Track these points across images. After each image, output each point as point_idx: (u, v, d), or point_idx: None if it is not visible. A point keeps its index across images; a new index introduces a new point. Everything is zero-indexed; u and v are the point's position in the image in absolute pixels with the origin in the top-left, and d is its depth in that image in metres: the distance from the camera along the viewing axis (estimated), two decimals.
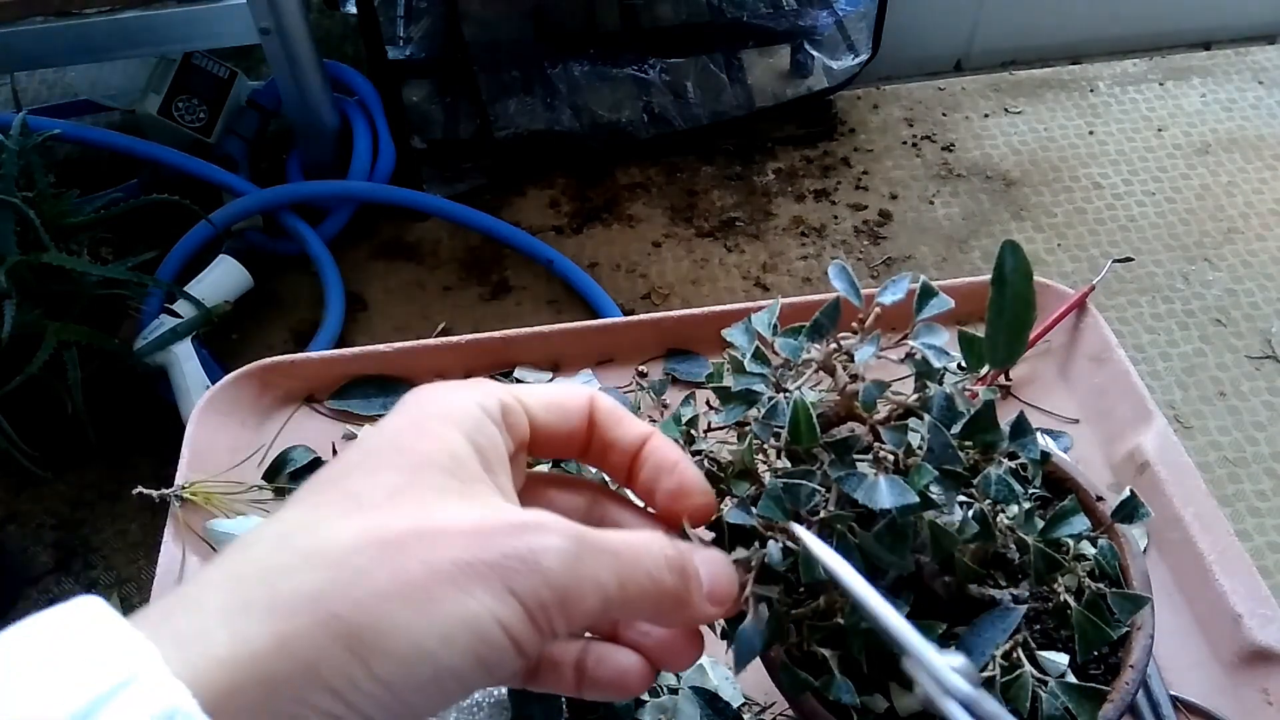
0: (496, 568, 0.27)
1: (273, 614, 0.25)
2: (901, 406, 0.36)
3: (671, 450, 0.36)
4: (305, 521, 0.28)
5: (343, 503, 0.29)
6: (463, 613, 0.27)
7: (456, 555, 0.27)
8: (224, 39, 1.58)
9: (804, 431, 0.34)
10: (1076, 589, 0.38)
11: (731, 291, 1.64)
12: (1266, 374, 1.50)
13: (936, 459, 0.34)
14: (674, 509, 0.36)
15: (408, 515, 0.28)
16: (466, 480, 0.30)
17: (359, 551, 0.27)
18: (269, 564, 0.27)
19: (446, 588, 0.27)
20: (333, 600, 0.26)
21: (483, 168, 1.81)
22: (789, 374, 0.37)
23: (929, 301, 0.37)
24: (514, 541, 0.28)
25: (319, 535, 0.28)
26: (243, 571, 0.27)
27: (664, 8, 1.84)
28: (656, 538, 0.32)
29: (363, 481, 0.29)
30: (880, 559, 0.34)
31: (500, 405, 0.33)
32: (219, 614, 0.25)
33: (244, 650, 0.25)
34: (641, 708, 0.50)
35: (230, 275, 1.56)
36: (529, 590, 0.28)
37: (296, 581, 0.26)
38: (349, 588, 0.26)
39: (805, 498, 0.34)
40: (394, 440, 0.31)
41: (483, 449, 0.32)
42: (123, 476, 1.44)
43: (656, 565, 0.31)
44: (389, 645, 0.26)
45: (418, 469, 0.30)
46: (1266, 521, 1.34)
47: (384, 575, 0.27)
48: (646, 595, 0.31)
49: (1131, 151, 1.84)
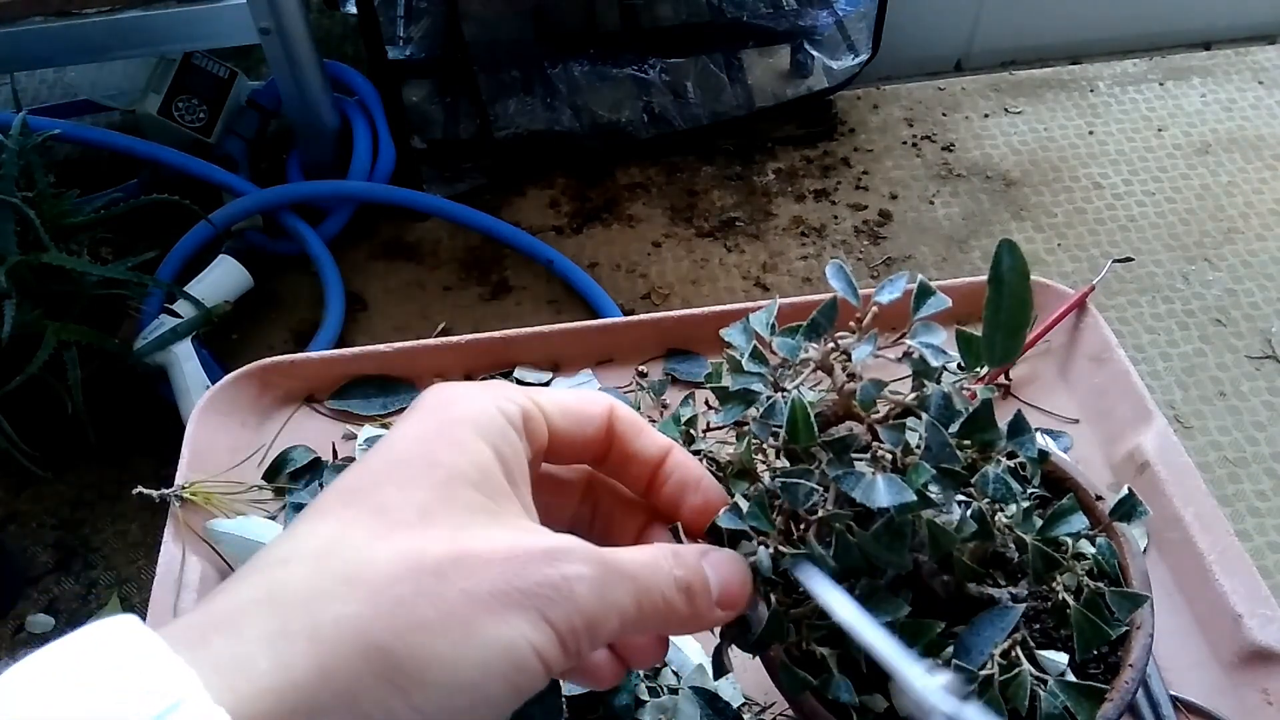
0: (531, 595, 0.28)
1: (315, 643, 0.25)
2: (899, 405, 0.36)
3: (694, 467, 0.37)
4: (340, 540, 0.28)
5: (375, 520, 0.29)
6: (500, 641, 0.27)
7: (493, 583, 0.28)
8: (224, 39, 1.58)
9: (802, 431, 0.34)
10: (1075, 588, 0.38)
11: (731, 291, 1.64)
12: (1266, 374, 1.50)
13: (934, 458, 0.34)
14: (699, 525, 0.36)
15: (443, 539, 0.28)
16: (493, 495, 0.31)
17: (399, 580, 0.27)
18: (307, 589, 0.27)
19: (485, 617, 0.27)
20: (374, 631, 0.26)
21: (483, 168, 1.81)
22: (787, 373, 0.37)
23: (926, 300, 0.37)
24: (548, 570, 0.29)
25: (357, 559, 0.27)
26: (281, 595, 0.27)
27: (664, 8, 1.84)
28: (664, 555, 0.33)
29: (394, 496, 0.29)
30: (878, 558, 0.34)
31: (522, 412, 0.33)
32: (259, 641, 0.25)
33: (286, 679, 0.25)
34: (641, 708, 0.50)
35: (230, 275, 1.56)
36: (562, 617, 0.28)
37: (338, 610, 0.26)
38: (391, 619, 0.26)
39: (803, 497, 0.34)
40: (421, 450, 0.31)
41: (506, 459, 0.32)
42: (123, 476, 1.44)
43: (667, 588, 0.32)
44: (429, 677, 0.26)
45: (447, 484, 0.30)
46: (1266, 521, 1.34)
47: (425, 605, 0.27)
48: (659, 614, 0.32)
49: (1131, 151, 1.84)
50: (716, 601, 0.33)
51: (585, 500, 0.38)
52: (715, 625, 0.34)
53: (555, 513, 0.36)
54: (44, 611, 1.33)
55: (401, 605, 0.27)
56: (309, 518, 0.29)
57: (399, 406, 0.66)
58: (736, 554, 0.35)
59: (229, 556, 0.58)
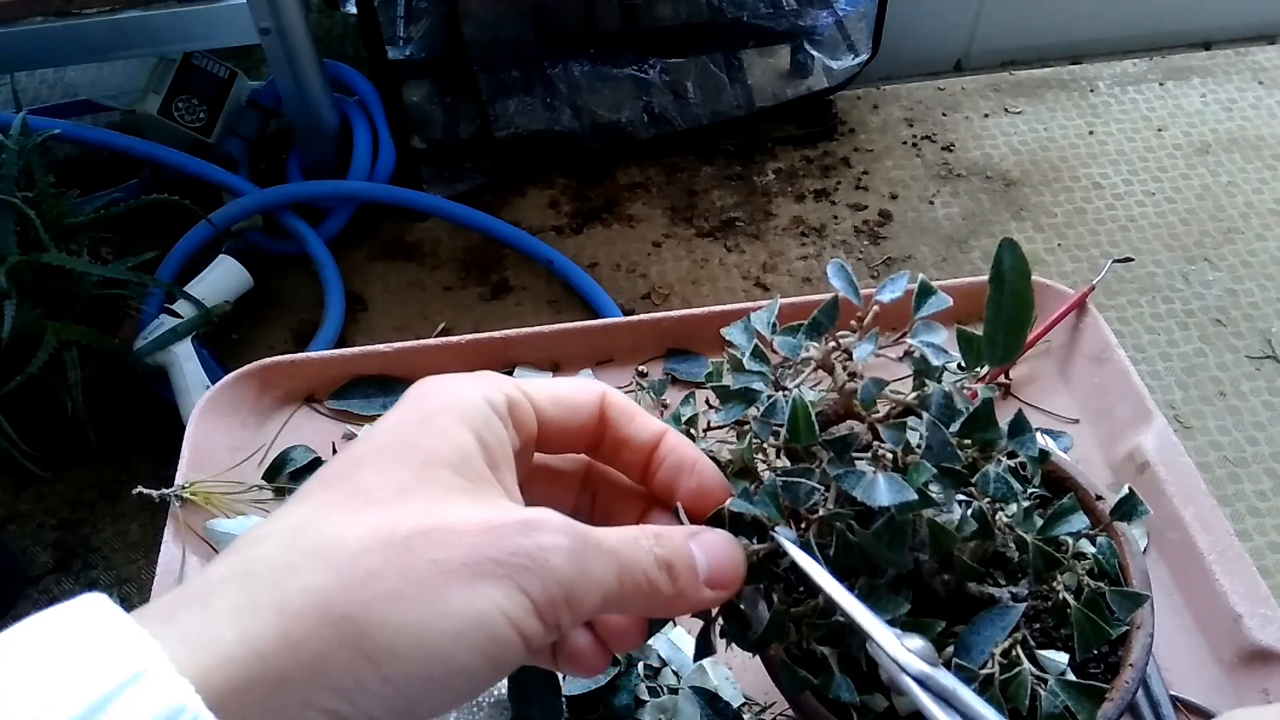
0: (505, 565, 0.28)
1: (281, 614, 0.25)
2: (900, 404, 0.36)
3: (688, 449, 0.36)
4: (313, 518, 0.28)
5: (350, 499, 0.29)
6: (472, 611, 0.27)
7: (465, 553, 0.27)
8: (224, 39, 1.58)
9: (803, 430, 0.34)
10: (1075, 587, 0.38)
11: (731, 291, 1.64)
12: (1266, 374, 1.50)
13: (935, 457, 0.34)
14: (695, 508, 0.36)
15: (415, 513, 0.28)
16: (473, 479, 0.30)
17: (368, 551, 0.27)
18: (278, 562, 0.27)
19: (456, 587, 0.27)
20: (342, 601, 0.26)
21: (483, 168, 1.81)
22: (788, 372, 0.37)
23: (927, 300, 0.37)
24: (522, 539, 0.28)
25: (327, 533, 0.27)
26: (251, 569, 0.27)
27: (664, 8, 1.84)
28: (645, 534, 0.32)
29: (370, 478, 0.29)
30: (879, 557, 0.34)
31: (507, 400, 0.33)
32: (227, 613, 0.25)
33: (252, 650, 0.25)
34: (642, 708, 0.50)
35: (230, 275, 1.56)
36: (538, 587, 0.28)
37: (305, 581, 0.26)
38: (359, 589, 0.26)
39: (804, 496, 0.34)
40: (402, 436, 0.31)
41: (489, 446, 0.32)
42: (123, 476, 1.44)
43: (649, 565, 0.31)
44: (398, 646, 0.26)
45: (425, 466, 0.30)
46: (1266, 521, 1.34)
47: (393, 575, 0.27)
48: (641, 592, 0.31)
49: (1131, 151, 1.84)
50: (706, 581, 0.33)
51: (584, 491, 0.38)
52: (707, 606, 0.34)
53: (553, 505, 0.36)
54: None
55: (370, 575, 0.26)
56: (288, 503, 0.30)
57: None
58: (729, 535, 0.34)
59: None
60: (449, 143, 1.79)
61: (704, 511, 0.36)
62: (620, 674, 0.51)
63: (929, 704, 0.32)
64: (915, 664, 0.32)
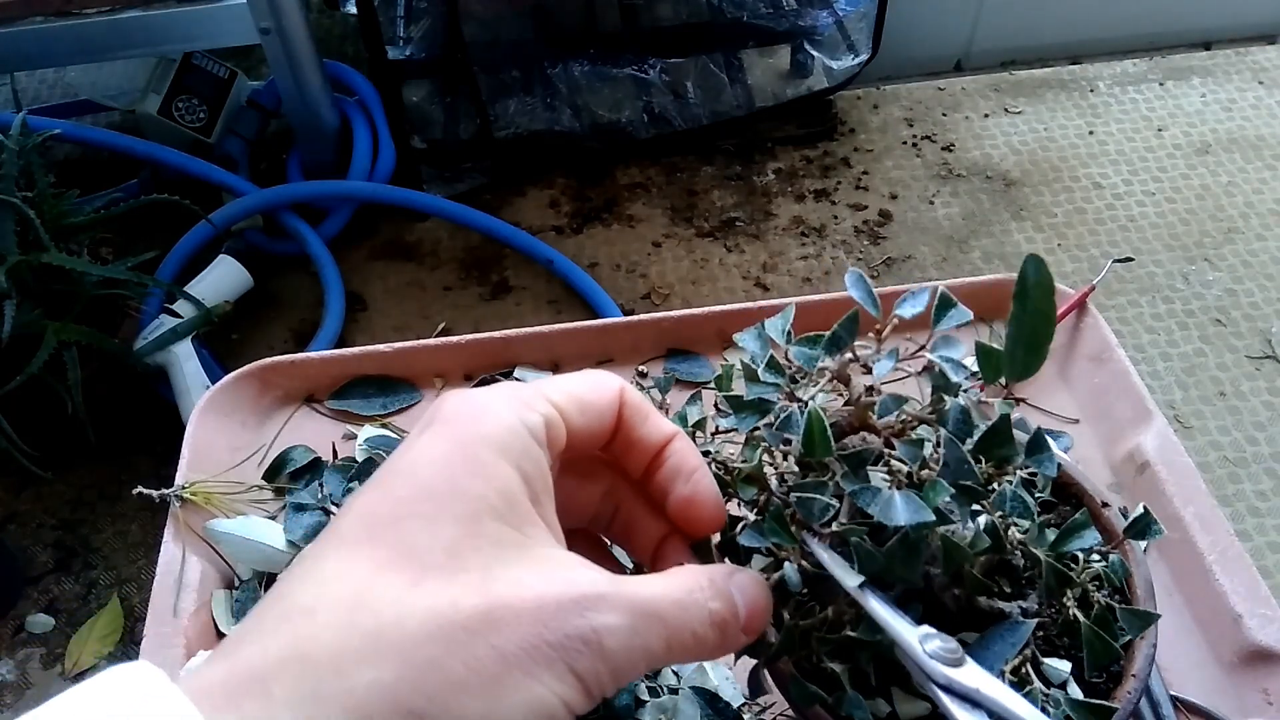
0: (560, 649, 0.28)
1: (348, 711, 0.25)
2: (915, 418, 0.36)
3: (693, 456, 0.36)
4: (369, 589, 0.28)
5: (402, 561, 0.28)
6: (530, 697, 0.27)
7: (524, 639, 0.28)
8: (224, 39, 1.58)
9: (818, 444, 0.34)
10: (1081, 598, 0.37)
11: (731, 291, 1.64)
12: (1266, 374, 1.50)
13: (952, 474, 0.33)
14: (683, 515, 0.36)
15: (472, 588, 0.28)
16: (519, 525, 0.30)
17: (431, 640, 0.27)
18: (338, 648, 0.26)
19: (516, 674, 0.27)
20: (408, 696, 0.26)
21: (483, 168, 1.81)
22: (802, 383, 0.37)
23: (948, 313, 0.36)
24: (578, 621, 0.29)
25: (388, 617, 0.27)
26: (310, 654, 0.26)
27: (664, 8, 1.84)
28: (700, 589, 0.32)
29: (421, 534, 0.29)
30: (892, 573, 0.34)
31: (544, 422, 0.33)
32: (289, 705, 0.25)
33: None
34: (642, 708, 0.50)
35: (230, 275, 1.56)
36: (590, 670, 0.28)
37: (370, 676, 0.26)
38: (423, 680, 0.26)
39: (819, 512, 0.34)
40: (445, 476, 0.30)
41: (531, 479, 0.31)
42: (123, 476, 1.44)
43: (702, 624, 0.31)
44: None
45: (474, 519, 0.30)
46: (1266, 521, 1.34)
47: (457, 665, 0.27)
48: (688, 651, 0.31)
49: (1131, 151, 1.84)
50: (743, 627, 0.33)
51: (607, 500, 0.38)
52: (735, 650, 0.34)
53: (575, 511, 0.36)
54: (44, 611, 1.33)
55: (433, 666, 0.27)
56: (332, 552, 0.29)
57: (399, 406, 0.66)
58: (758, 575, 0.34)
59: (229, 556, 0.58)
60: (449, 143, 1.79)
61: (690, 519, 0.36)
62: None
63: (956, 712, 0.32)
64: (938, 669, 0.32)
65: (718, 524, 0.36)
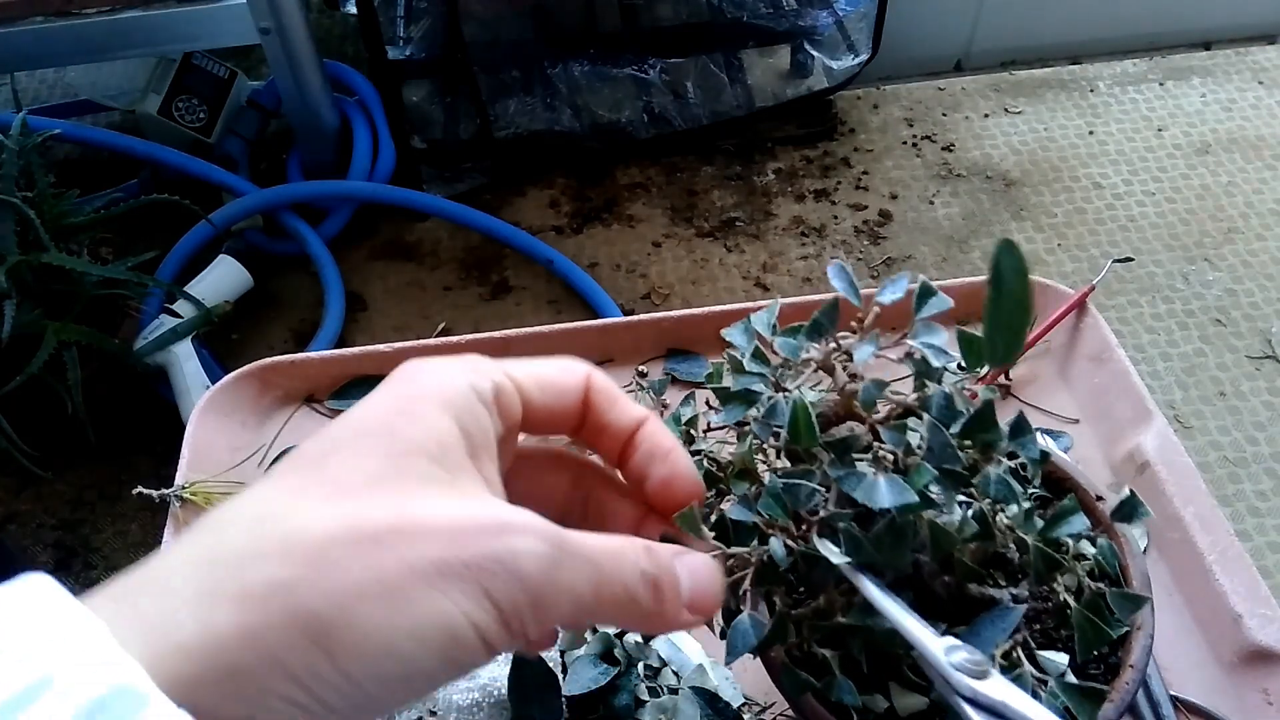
0: (473, 568, 0.27)
1: (243, 604, 0.25)
2: (901, 406, 0.36)
3: (666, 437, 0.35)
4: (281, 505, 0.28)
5: (320, 487, 0.28)
6: (436, 613, 0.26)
7: (434, 554, 0.27)
8: (224, 39, 1.58)
9: (804, 431, 0.34)
10: (1076, 588, 0.38)
11: (731, 291, 1.64)
12: (1266, 374, 1.50)
13: (936, 458, 0.34)
14: (663, 496, 0.35)
15: (387, 506, 0.28)
16: (451, 469, 0.30)
17: (336, 543, 0.26)
18: (243, 550, 0.26)
19: (421, 587, 0.26)
20: (305, 594, 0.26)
21: (483, 168, 1.81)
22: (788, 374, 0.37)
23: (928, 301, 0.37)
24: (493, 543, 0.28)
25: (295, 523, 0.27)
26: (215, 555, 0.26)
27: (664, 8, 1.84)
28: (635, 547, 0.31)
29: (342, 465, 0.29)
30: (879, 559, 0.34)
31: (494, 387, 0.32)
32: (187, 600, 0.25)
33: (210, 637, 0.25)
34: (641, 708, 0.50)
35: (230, 275, 1.56)
36: (504, 593, 0.27)
37: (269, 572, 0.26)
38: (321, 581, 0.26)
39: (805, 497, 0.34)
40: (379, 421, 0.30)
41: (470, 434, 0.31)
42: (123, 476, 1.44)
43: (632, 578, 0.31)
44: (358, 640, 0.26)
45: (402, 455, 0.29)
46: (1266, 521, 1.34)
47: (359, 570, 0.26)
48: (620, 606, 0.30)
49: (1131, 151, 1.84)
50: (687, 604, 0.32)
51: (576, 489, 0.37)
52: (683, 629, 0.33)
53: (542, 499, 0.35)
54: None
55: (336, 569, 0.26)
56: (257, 484, 0.29)
57: None
58: (711, 559, 0.34)
59: None
60: (449, 143, 1.79)
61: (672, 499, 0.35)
62: (620, 674, 0.51)
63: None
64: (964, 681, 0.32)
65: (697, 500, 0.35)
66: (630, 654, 0.52)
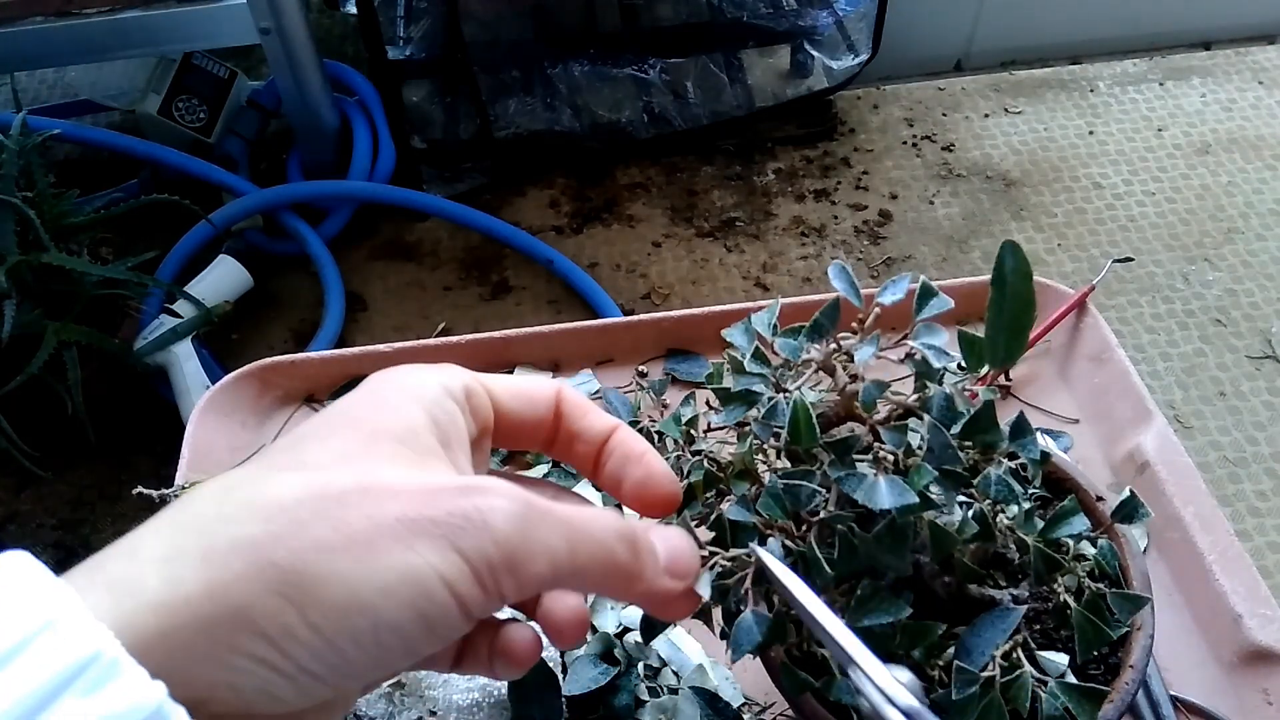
0: (442, 524, 0.27)
1: (207, 560, 0.25)
2: (901, 406, 0.36)
3: (638, 441, 0.36)
4: (250, 477, 0.28)
5: (290, 465, 0.29)
6: (404, 566, 0.26)
7: (401, 511, 0.27)
8: (224, 39, 1.58)
9: (804, 432, 0.34)
10: (1076, 589, 0.38)
11: (731, 291, 1.64)
12: (1266, 374, 1.50)
13: (936, 459, 0.34)
14: (641, 498, 0.35)
15: (354, 473, 0.28)
16: (420, 451, 0.30)
17: (301, 504, 0.27)
18: (209, 514, 0.27)
19: (389, 541, 0.26)
20: (270, 548, 0.26)
21: (483, 168, 1.81)
22: (789, 374, 0.37)
23: (929, 301, 0.37)
24: (461, 501, 0.28)
25: (261, 488, 0.27)
26: (182, 520, 0.27)
27: (664, 8, 1.84)
28: (607, 511, 0.32)
29: (314, 448, 0.29)
30: (879, 560, 0.34)
31: (464, 387, 0.33)
32: (153, 561, 0.25)
33: (176, 594, 0.25)
34: (641, 708, 0.50)
35: (230, 275, 1.56)
36: (475, 548, 0.27)
37: (235, 530, 0.26)
38: (287, 538, 0.26)
39: (805, 498, 0.34)
40: (351, 412, 0.31)
41: (441, 425, 0.31)
42: (123, 476, 1.44)
43: (607, 534, 0.31)
44: (325, 593, 0.26)
45: (371, 437, 0.30)
46: (1266, 521, 1.34)
47: (325, 526, 0.26)
48: (597, 563, 0.30)
49: (1131, 151, 1.84)
50: (665, 569, 0.32)
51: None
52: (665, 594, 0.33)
53: None
54: None
55: (301, 526, 0.26)
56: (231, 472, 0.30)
57: None
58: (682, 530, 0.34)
59: None
60: (449, 143, 1.79)
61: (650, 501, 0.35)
62: (620, 674, 0.51)
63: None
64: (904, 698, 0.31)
65: (674, 500, 0.36)
66: (630, 654, 0.52)
